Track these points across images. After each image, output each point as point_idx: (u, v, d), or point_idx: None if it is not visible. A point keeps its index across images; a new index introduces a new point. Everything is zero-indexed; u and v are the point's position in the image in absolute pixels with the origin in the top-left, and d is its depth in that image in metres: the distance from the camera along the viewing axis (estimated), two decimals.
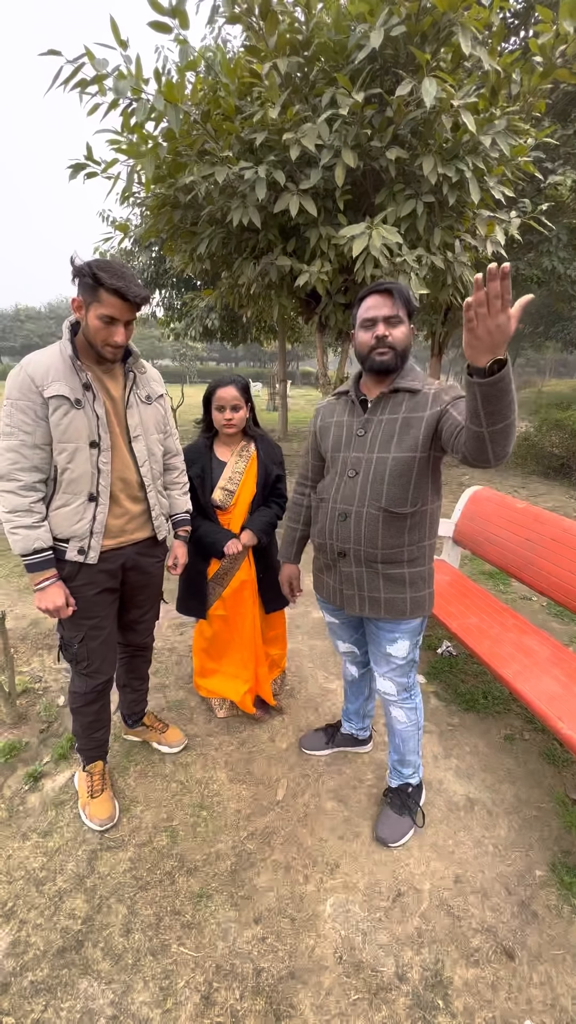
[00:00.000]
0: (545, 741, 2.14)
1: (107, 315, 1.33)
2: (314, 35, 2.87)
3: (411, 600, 1.49)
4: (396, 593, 1.49)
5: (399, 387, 1.41)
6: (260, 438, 2.05)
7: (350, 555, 1.49)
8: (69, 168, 3.14)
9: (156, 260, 8.08)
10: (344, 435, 1.50)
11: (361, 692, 1.94)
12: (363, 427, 1.45)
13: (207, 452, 1.98)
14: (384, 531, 1.42)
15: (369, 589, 1.50)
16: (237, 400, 1.89)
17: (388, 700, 1.67)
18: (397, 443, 1.38)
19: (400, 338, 1.38)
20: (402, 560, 1.46)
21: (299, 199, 2.98)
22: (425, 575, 1.52)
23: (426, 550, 1.50)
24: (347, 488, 1.47)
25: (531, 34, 5.66)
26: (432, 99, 2.51)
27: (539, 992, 1.30)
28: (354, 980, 1.32)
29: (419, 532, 1.46)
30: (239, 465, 1.97)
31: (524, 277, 6.91)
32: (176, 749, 2.03)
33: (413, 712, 1.67)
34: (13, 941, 1.38)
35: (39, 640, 2.81)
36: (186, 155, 3.05)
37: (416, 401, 1.39)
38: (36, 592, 1.47)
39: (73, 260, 1.35)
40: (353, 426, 1.48)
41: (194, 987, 1.29)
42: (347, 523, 1.46)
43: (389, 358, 1.38)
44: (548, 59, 2.94)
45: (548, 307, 17.31)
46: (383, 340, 1.36)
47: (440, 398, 1.35)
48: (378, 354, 1.38)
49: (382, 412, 1.43)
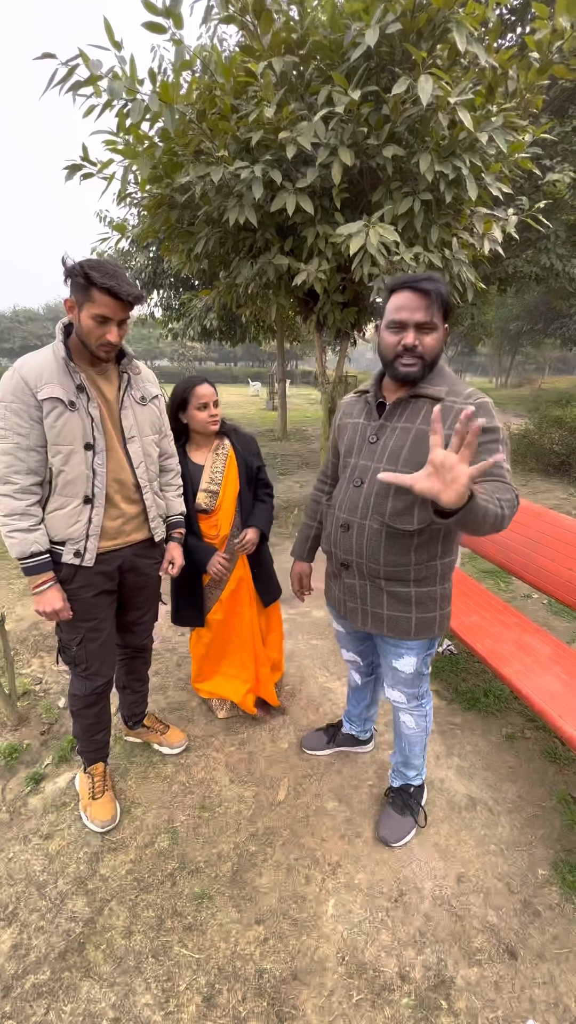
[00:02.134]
0: (546, 739, 2.14)
1: (100, 315, 1.32)
2: (309, 33, 2.86)
3: (417, 620, 1.40)
4: (400, 612, 1.40)
5: (420, 393, 1.29)
6: (233, 432, 2.01)
7: (352, 567, 1.42)
8: (66, 169, 3.13)
9: (154, 260, 8.07)
10: (357, 439, 1.42)
11: (363, 698, 1.92)
12: (376, 434, 1.36)
13: (183, 458, 1.91)
14: (387, 547, 1.33)
15: (372, 604, 1.43)
16: (215, 395, 1.87)
17: (398, 706, 1.63)
18: (407, 457, 1.27)
19: (431, 348, 1.24)
20: (407, 579, 1.36)
21: (296, 198, 2.97)
22: (436, 595, 1.41)
23: (438, 569, 1.38)
24: (351, 497, 1.39)
25: (528, 30, 5.65)
26: (429, 96, 2.50)
27: (542, 991, 1.30)
28: (356, 981, 1.32)
29: (430, 551, 1.34)
30: (217, 464, 1.94)
31: (522, 274, 6.91)
32: (177, 750, 2.02)
33: (423, 719, 1.64)
34: (15, 944, 1.38)
35: (39, 642, 2.81)
36: (182, 155, 3.04)
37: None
38: (34, 595, 1.47)
39: (64, 261, 1.33)
40: (366, 431, 1.39)
41: (196, 989, 1.29)
42: (349, 534, 1.39)
43: (416, 370, 1.25)
44: (545, 55, 2.93)
45: (547, 304, 17.31)
46: (412, 350, 1.23)
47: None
48: (404, 364, 1.25)
49: (398, 419, 1.32)
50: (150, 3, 2.48)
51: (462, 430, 0.95)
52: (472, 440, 0.94)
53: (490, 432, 1.21)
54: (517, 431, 7.90)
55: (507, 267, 6.78)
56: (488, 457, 1.15)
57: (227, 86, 2.92)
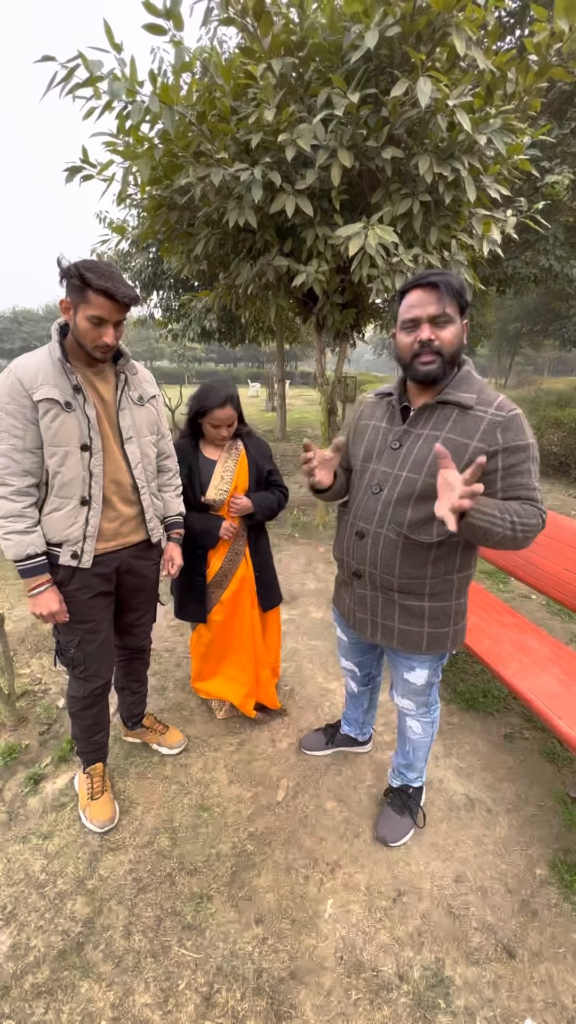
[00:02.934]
0: (545, 739, 2.14)
1: (96, 316, 1.31)
2: (309, 36, 2.87)
3: (429, 635, 1.36)
4: (412, 626, 1.37)
5: (447, 399, 1.23)
6: (247, 435, 2.02)
7: (365, 577, 1.38)
8: (66, 171, 3.14)
9: (153, 261, 8.07)
10: (378, 444, 1.36)
11: (360, 704, 1.92)
12: (399, 440, 1.30)
13: (193, 452, 1.95)
14: (403, 559, 1.29)
15: (383, 616, 1.40)
16: (232, 419, 1.87)
17: (405, 713, 1.62)
18: (431, 466, 1.22)
19: (449, 341, 1.19)
20: (422, 592, 1.32)
21: (295, 199, 2.98)
22: (451, 611, 1.36)
23: (454, 583, 1.34)
24: (368, 504, 1.34)
25: (527, 32, 5.67)
26: (427, 99, 2.51)
27: (540, 990, 1.30)
28: (355, 980, 1.32)
29: (447, 564, 1.30)
30: (229, 463, 1.95)
31: (521, 276, 6.92)
32: (176, 750, 2.03)
33: (430, 725, 1.63)
34: (14, 944, 1.38)
35: (38, 642, 2.81)
36: (182, 157, 3.05)
37: (466, 422, 1.20)
38: (30, 598, 1.47)
39: (60, 262, 1.33)
40: (388, 436, 1.33)
41: (195, 988, 1.30)
42: (363, 543, 1.35)
43: (435, 366, 1.20)
44: (543, 57, 2.94)
45: (546, 305, 17.33)
46: (428, 345, 1.18)
47: (494, 436, 1.17)
48: (422, 362, 1.20)
49: (423, 426, 1.26)
50: (150, 4, 2.49)
51: (470, 475, 1.00)
52: (471, 476, 1.00)
53: (518, 451, 1.18)
54: None
55: (506, 268, 6.79)
56: (520, 480, 1.17)
57: (227, 88, 2.93)
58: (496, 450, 1.17)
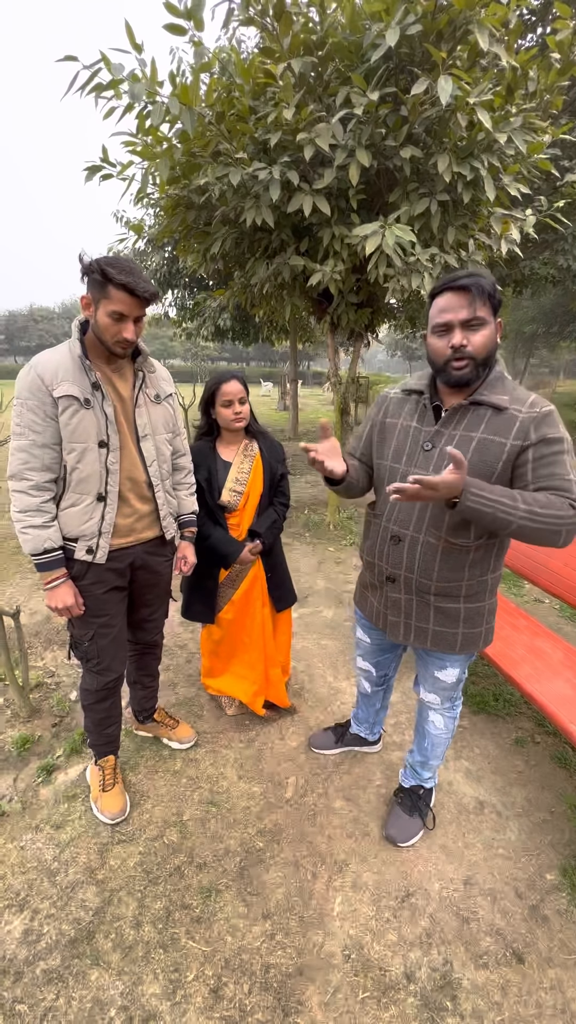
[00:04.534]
0: (557, 745, 2.12)
1: (116, 311, 1.32)
2: (328, 35, 2.87)
3: (463, 636, 1.37)
4: (447, 628, 1.36)
5: (481, 400, 1.22)
6: (261, 436, 2.03)
7: (400, 581, 1.37)
8: (85, 170, 3.17)
9: (169, 260, 8.12)
10: (408, 445, 1.33)
11: (373, 705, 1.91)
12: (431, 441, 1.28)
13: (211, 454, 1.96)
14: (442, 563, 1.28)
15: (417, 619, 1.39)
16: (242, 392, 1.88)
17: (430, 707, 1.61)
18: (470, 465, 1.20)
19: (482, 344, 1.18)
20: (459, 595, 1.32)
21: (313, 199, 2.98)
22: (484, 611, 1.37)
23: (488, 584, 1.34)
24: (404, 509, 1.32)
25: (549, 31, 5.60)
26: (448, 97, 2.49)
27: (549, 996, 1.29)
28: (362, 979, 1.32)
29: (483, 566, 1.31)
30: (244, 464, 1.96)
31: (539, 276, 6.84)
32: (186, 745, 2.04)
33: (452, 721, 1.63)
34: (26, 930, 1.40)
35: (52, 635, 2.85)
36: (200, 156, 3.07)
37: (500, 422, 1.19)
38: (46, 591, 1.49)
39: (81, 258, 1.35)
40: (420, 437, 1.31)
41: (203, 981, 1.31)
42: (400, 547, 1.33)
43: (468, 371, 1.19)
44: (566, 56, 2.91)
45: (563, 307, 17.11)
46: (461, 350, 1.18)
47: (527, 432, 1.17)
48: (455, 368, 1.20)
49: (456, 427, 1.24)
50: (171, 5, 2.51)
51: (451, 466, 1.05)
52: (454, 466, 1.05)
53: (552, 443, 1.17)
54: None
55: (523, 269, 6.72)
56: (551, 470, 1.15)
57: (246, 87, 2.94)
58: (528, 444, 1.17)
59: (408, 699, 2.38)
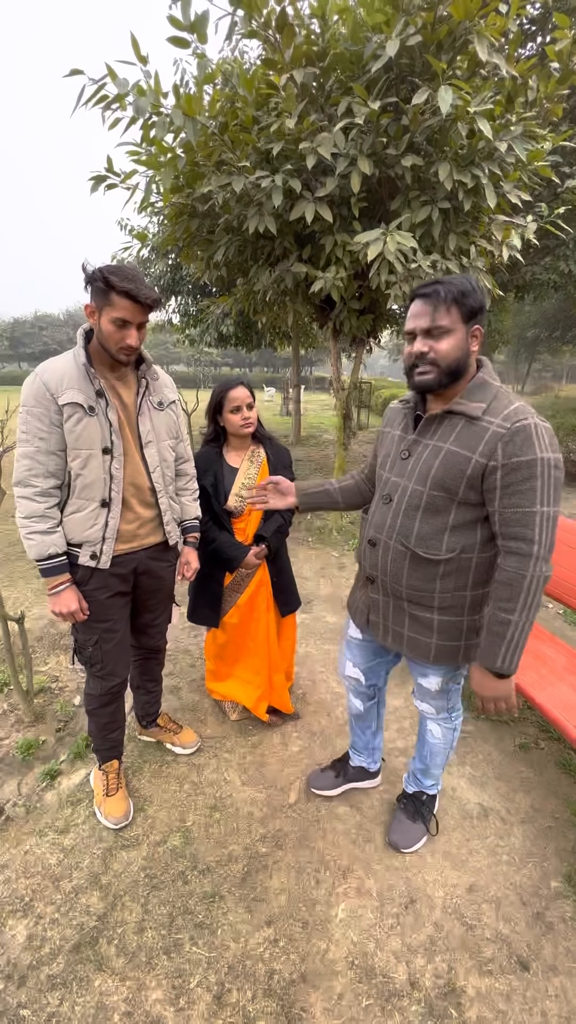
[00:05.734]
0: (561, 750, 2.11)
1: (119, 318, 1.35)
2: (330, 46, 2.91)
3: (436, 647, 1.35)
4: (420, 635, 1.36)
5: (455, 409, 1.20)
6: (268, 442, 2.05)
7: (378, 583, 1.40)
8: (91, 180, 3.22)
9: (172, 267, 8.19)
10: (392, 453, 1.36)
11: (368, 726, 1.81)
12: (408, 449, 1.30)
13: (218, 459, 1.98)
14: (411, 571, 1.29)
15: (394, 622, 1.41)
16: (249, 398, 1.90)
17: (427, 716, 1.60)
18: (434, 479, 1.20)
19: (447, 351, 1.16)
20: (431, 605, 1.31)
21: (315, 206, 3.01)
22: (463, 627, 1.31)
23: (467, 600, 1.29)
24: (380, 514, 1.35)
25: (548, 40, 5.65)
26: (448, 107, 2.52)
27: (554, 1005, 1.28)
28: (366, 986, 1.32)
29: (459, 580, 1.26)
30: (251, 471, 1.98)
31: (540, 282, 6.86)
32: (190, 750, 2.05)
33: (451, 732, 1.61)
34: (30, 935, 1.41)
35: (56, 640, 2.86)
36: (204, 166, 3.11)
37: (471, 433, 1.16)
38: (50, 596, 1.50)
39: (85, 267, 1.38)
40: (400, 445, 1.33)
41: (206, 987, 1.31)
42: (376, 551, 1.36)
43: (430, 377, 1.19)
44: (565, 65, 2.94)
45: (565, 311, 17.13)
46: (423, 357, 1.18)
47: (494, 450, 1.11)
48: (418, 373, 1.21)
49: (431, 436, 1.25)
50: (175, 19, 2.55)
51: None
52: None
53: (520, 468, 1.09)
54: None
55: (525, 274, 6.74)
56: (516, 500, 1.09)
57: (249, 98, 2.98)
58: (495, 465, 1.11)
59: (412, 704, 2.38)
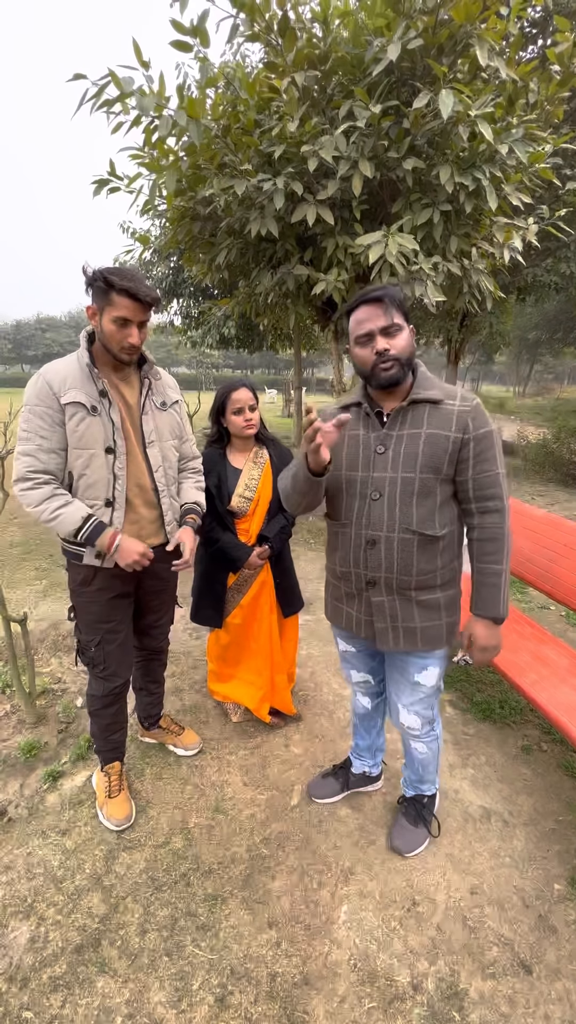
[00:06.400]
0: (564, 753, 2.11)
1: (120, 317, 1.36)
2: (332, 50, 2.92)
3: (447, 626, 1.43)
4: (432, 620, 1.40)
5: (418, 399, 1.30)
6: (271, 443, 2.06)
7: (380, 583, 1.39)
8: (93, 184, 3.23)
9: (174, 270, 8.23)
10: (362, 453, 1.37)
11: (374, 725, 1.81)
12: (383, 443, 1.33)
13: (221, 461, 1.99)
14: (419, 556, 1.34)
15: (403, 619, 1.40)
16: (252, 400, 1.91)
17: (410, 734, 1.60)
18: (423, 462, 1.29)
19: (403, 347, 1.27)
20: (435, 585, 1.38)
21: (316, 209, 3.02)
22: (457, 598, 1.46)
23: (457, 571, 1.43)
24: (373, 512, 1.35)
25: (549, 43, 5.66)
26: (449, 110, 2.53)
27: (557, 1008, 1.28)
28: (368, 988, 1.31)
29: (450, 553, 1.39)
30: (254, 472, 1.99)
31: (542, 283, 6.87)
32: (192, 752, 2.05)
33: (435, 742, 1.62)
34: (32, 937, 1.41)
35: (58, 642, 2.87)
36: (206, 169, 3.12)
37: (440, 416, 1.29)
38: (118, 556, 1.47)
39: (85, 269, 1.39)
40: (371, 443, 1.35)
41: (209, 989, 1.30)
42: (376, 549, 1.36)
43: (395, 371, 1.27)
44: (566, 67, 2.94)
45: (566, 313, 17.12)
46: (385, 355, 1.26)
47: (466, 425, 1.27)
48: (383, 370, 1.27)
49: (402, 427, 1.32)
50: (178, 23, 2.57)
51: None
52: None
53: (486, 437, 1.30)
54: (535, 440, 7.81)
55: (526, 276, 6.75)
56: (486, 466, 1.30)
57: (251, 101, 2.99)
58: (469, 438, 1.28)
59: None
